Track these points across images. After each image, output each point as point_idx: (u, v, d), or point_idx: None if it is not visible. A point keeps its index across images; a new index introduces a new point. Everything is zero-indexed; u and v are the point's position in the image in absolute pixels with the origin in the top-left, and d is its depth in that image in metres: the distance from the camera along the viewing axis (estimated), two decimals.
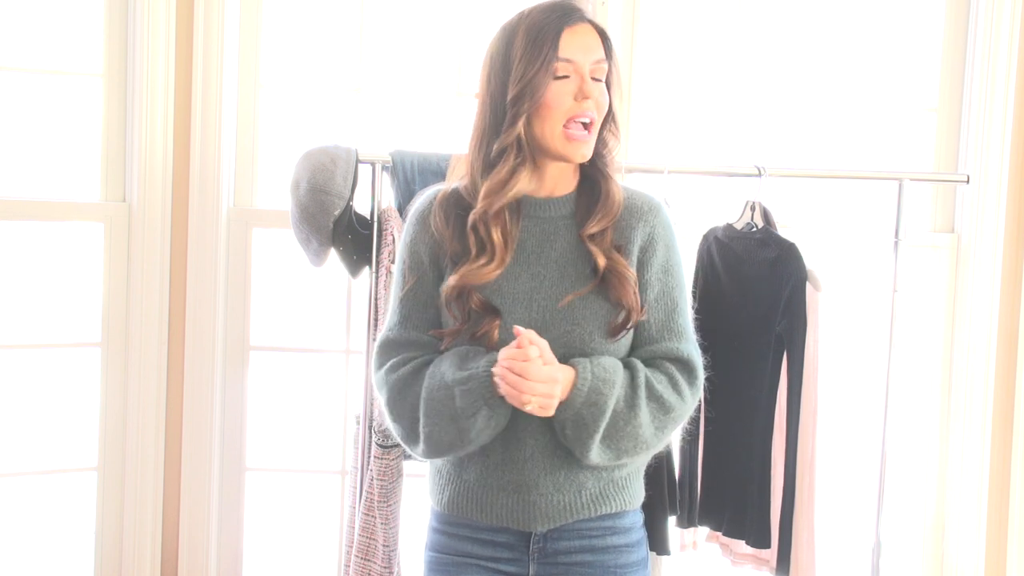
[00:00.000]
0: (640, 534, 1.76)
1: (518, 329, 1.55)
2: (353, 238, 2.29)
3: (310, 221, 2.24)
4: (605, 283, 1.64)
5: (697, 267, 2.41)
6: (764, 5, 2.77)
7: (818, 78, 2.78)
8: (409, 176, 2.31)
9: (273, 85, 2.73)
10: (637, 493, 1.75)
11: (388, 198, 2.34)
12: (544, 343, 1.57)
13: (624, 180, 1.76)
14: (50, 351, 2.73)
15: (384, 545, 2.26)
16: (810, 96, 2.79)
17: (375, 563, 2.27)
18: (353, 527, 2.33)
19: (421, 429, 1.63)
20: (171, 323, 2.68)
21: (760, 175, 2.37)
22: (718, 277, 2.37)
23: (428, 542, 1.78)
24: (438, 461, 1.73)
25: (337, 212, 2.23)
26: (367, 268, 2.32)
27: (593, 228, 1.65)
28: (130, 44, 2.62)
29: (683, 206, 2.45)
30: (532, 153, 1.64)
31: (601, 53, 1.63)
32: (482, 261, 1.63)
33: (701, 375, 1.71)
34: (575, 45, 1.60)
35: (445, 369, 1.61)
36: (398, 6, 2.75)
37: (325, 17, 2.74)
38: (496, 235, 1.63)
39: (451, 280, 1.64)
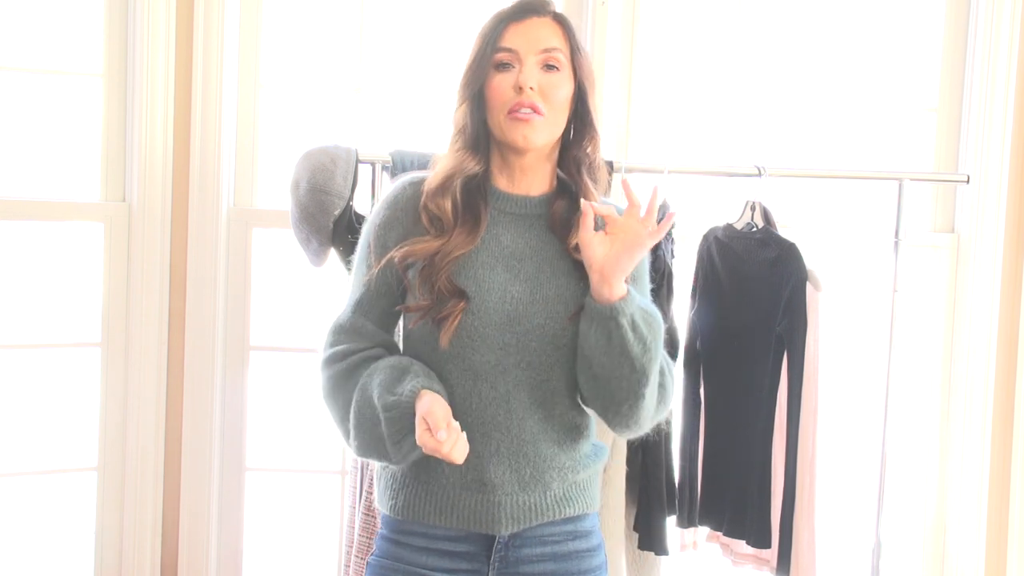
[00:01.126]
0: (599, 539, 1.72)
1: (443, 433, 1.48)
2: (353, 238, 2.27)
3: (310, 221, 2.24)
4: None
5: (697, 267, 2.41)
6: (764, 5, 2.77)
7: (818, 78, 2.78)
8: None
9: (273, 85, 2.73)
10: (596, 497, 1.72)
11: None
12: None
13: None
14: (50, 351, 2.72)
15: None
16: (810, 96, 2.79)
17: None
18: (353, 527, 2.33)
19: (352, 439, 1.59)
20: (171, 323, 2.67)
21: (760, 175, 2.38)
22: (718, 277, 2.37)
23: (374, 550, 1.69)
24: (392, 465, 1.67)
25: (337, 212, 2.23)
26: None
27: (575, 239, 1.62)
28: (130, 44, 2.62)
29: (683, 206, 2.45)
30: (498, 148, 1.64)
31: (554, 43, 1.61)
32: (431, 235, 1.61)
33: (672, 384, 1.69)
34: (518, 35, 1.60)
35: (375, 386, 1.56)
36: (398, 6, 2.75)
37: (325, 17, 2.74)
38: (445, 208, 1.61)
39: (396, 253, 1.61)
